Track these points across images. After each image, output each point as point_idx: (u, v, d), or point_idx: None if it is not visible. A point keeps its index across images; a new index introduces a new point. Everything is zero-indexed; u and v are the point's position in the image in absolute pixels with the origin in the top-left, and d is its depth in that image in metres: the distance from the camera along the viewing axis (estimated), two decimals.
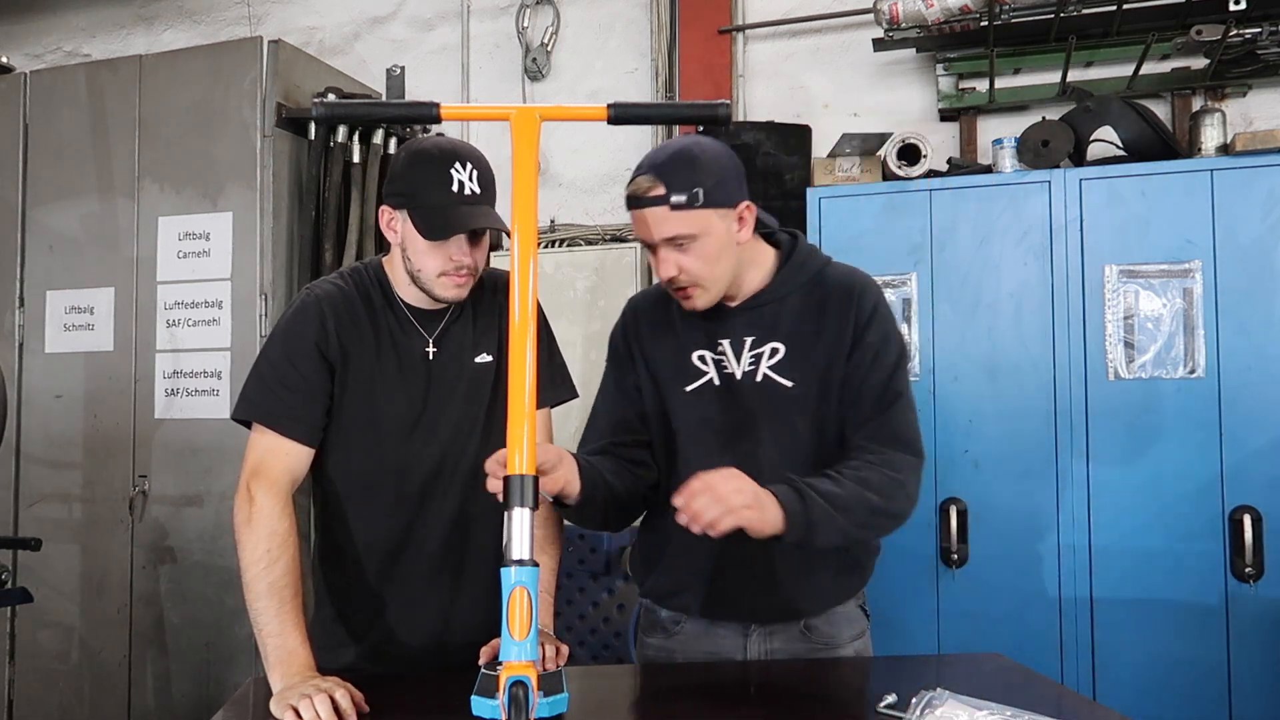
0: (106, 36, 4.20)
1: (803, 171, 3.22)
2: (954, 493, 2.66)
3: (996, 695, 1.24)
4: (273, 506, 1.48)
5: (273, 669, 1.39)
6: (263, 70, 3.09)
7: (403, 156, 1.59)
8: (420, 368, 1.62)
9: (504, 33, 3.73)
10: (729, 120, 1.22)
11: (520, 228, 1.17)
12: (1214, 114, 2.80)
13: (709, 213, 1.45)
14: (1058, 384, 2.61)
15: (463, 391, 1.64)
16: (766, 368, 1.53)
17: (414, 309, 1.64)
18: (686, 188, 1.42)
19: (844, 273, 1.60)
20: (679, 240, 1.44)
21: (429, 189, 1.51)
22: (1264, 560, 2.43)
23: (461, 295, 1.60)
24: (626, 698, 1.52)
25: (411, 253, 1.57)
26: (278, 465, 1.53)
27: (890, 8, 2.89)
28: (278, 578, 1.44)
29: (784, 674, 1.55)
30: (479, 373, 1.66)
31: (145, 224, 3.21)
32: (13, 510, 3.31)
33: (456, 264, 1.55)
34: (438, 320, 1.65)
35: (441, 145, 1.57)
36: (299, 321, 1.58)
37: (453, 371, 1.64)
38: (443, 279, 1.56)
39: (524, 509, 1.08)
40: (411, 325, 1.64)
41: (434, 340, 1.64)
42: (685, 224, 1.43)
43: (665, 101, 1.18)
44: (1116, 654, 2.54)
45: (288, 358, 1.56)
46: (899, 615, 2.68)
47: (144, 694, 3.14)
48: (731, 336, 1.56)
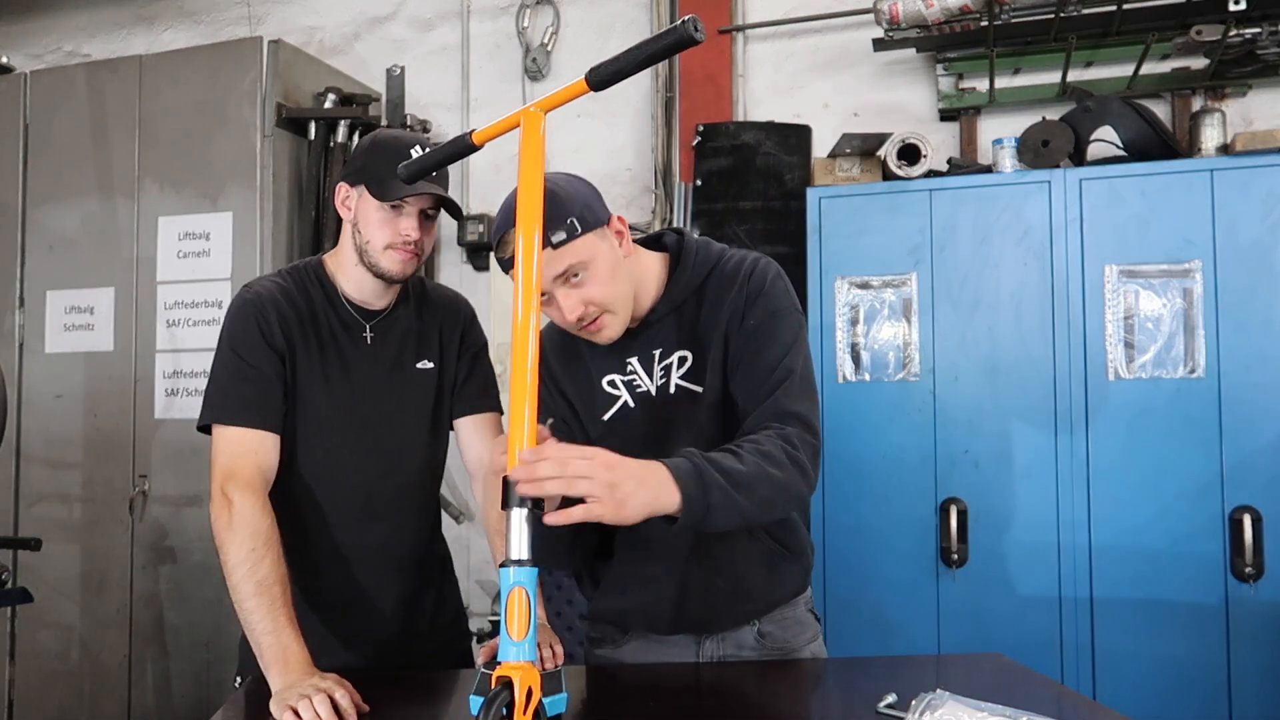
0: (106, 36, 4.20)
1: (803, 171, 3.23)
2: (954, 493, 2.66)
3: (996, 695, 1.23)
4: (252, 506, 1.48)
5: (270, 668, 1.39)
6: (263, 70, 3.09)
7: (365, 143, 1.68)
8: (361, 364, 1.67)
9: (504, 33, 3.73)
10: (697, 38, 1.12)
11: (524, 226, 1.17)
12: (1214, 114, 2.80)
13: (589, 237, 1.39)
14: (1058, 384, 2.61)
15: (404, 391, 1.70)
16: (677, 378, 1.49)
17: (356, 306, 1.69)
18: (559, 223, 1.36)
19: (736, 261, 1.52)
20: (572, 274, 1.38)
21: (386, 165, 1.57)
22: (1264, 560, 2.43)
23: (406, 272, 1.64)
24: (623, 697, 1.52)
25: (363, 225, 1.63)
26: (247, 463, 1.53)
27: (890, 8, 2.88)
28: (265, 575, 1.44)
29: (783, 673, 1.55)
30: (421, 378, 1.72)
31: (145, 224, 3.21)
32: (13, 510, 3.31)
33: (405, 237, 1.61)
34: (375, 318, 1.70)
35: (401, 134, 1.67)
36: (240, 319, 1.61)
37: (394, 370, 1.70)
38: (390, 252, 1.61)
39: (523, 509, 1.08)
40: (353, 320, 1.68)
41: (374, 337, 1.69)
42: (572, 255, 1.37)
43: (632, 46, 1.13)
44: (1116, 654, 2.54)
45: (236, 354, 1.59)
46: (899, 615, 2.69)
47: (144, 694, 3.14)
48: (639, 354, 1.51)
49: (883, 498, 2.72)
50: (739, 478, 1.26)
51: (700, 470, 1.23)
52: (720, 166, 3.26)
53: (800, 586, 1.61)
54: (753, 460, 1.29)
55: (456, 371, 1.77)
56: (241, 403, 1.56)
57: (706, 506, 1.22)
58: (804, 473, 1.36)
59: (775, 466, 1.31)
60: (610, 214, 1.45)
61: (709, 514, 1.23)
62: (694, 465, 1.23)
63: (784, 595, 1.58)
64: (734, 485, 1.25)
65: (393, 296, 1.73)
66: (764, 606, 1.57)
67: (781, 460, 1.32)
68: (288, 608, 1.44)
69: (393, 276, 1.64)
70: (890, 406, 2.73)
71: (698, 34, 1.14)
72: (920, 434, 2.70)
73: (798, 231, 3.00)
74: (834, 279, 2.79)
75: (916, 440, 2.70)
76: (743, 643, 1.57)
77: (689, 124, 3.39)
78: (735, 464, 1.27)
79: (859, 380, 2.76)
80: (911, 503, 2.69)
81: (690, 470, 1.22)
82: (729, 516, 1.26)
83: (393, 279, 1.65)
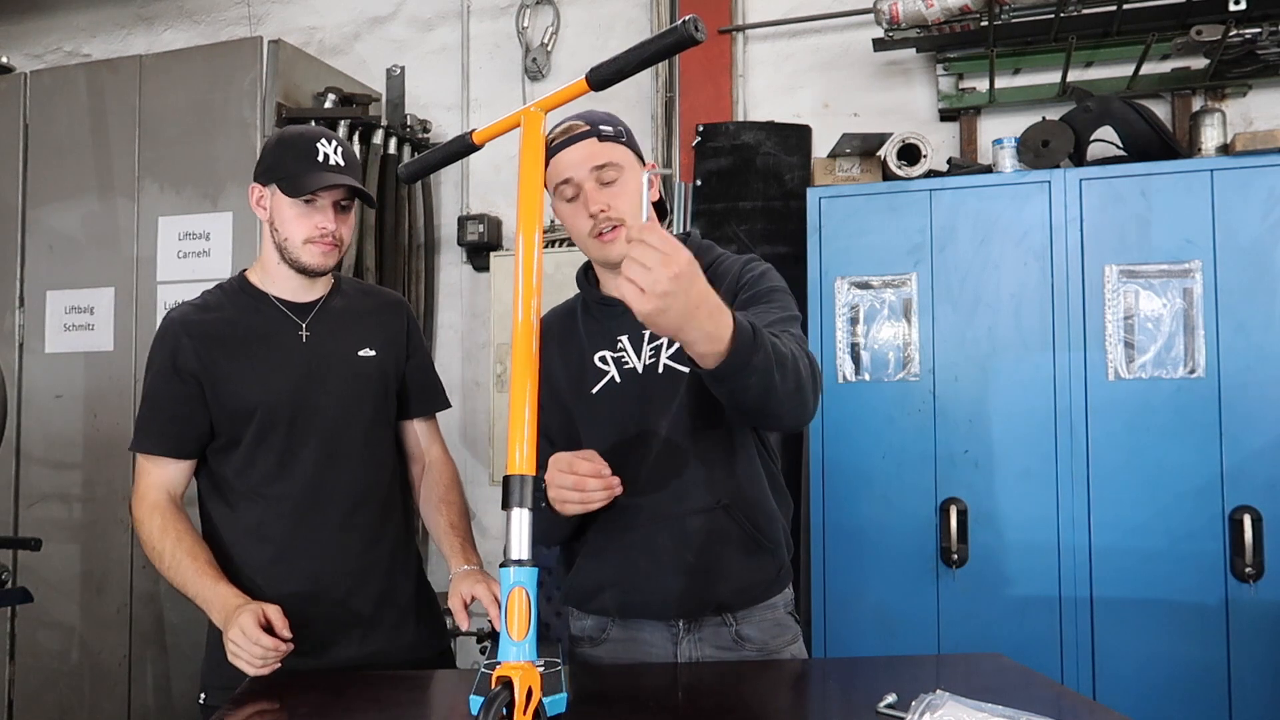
0: (106, 36, 4.20)
1: (803, 171, 3.23)
2: (954, 493, 2.66)
3: (996, 695, 1.23)
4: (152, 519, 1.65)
5: (214, 613, 1.55)
6: (263, 70, 3.09)
7: (271, 141, 1.72)
8: (297, 354, 1.70)
9: (504, 33, 3.73)
10: (697, 38, 1.16)
11: (524, 225, 1.17)
12: (1214, 114, 2.80)
13: (630, 153, 1.52)
14: (1058, 384, 2.61)
15: (345, 378, 1.73)
16: (666, 358, 1.53)
17: (286, 302, 1.74)
18: (613, 125, 1.50)
19: (734, 259, 1.60)
20: (608, 171, 1.48)
21: (296, 161, 1.64)
22: (1264, 560, 2.43)
23: (328, 264, 1.70)
24: (620, 696, 1.52)
25: (279, 223, 1.67)
26: (152, 485, 1.68)
27: (890, 8, 2.88)
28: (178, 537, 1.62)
29: (783, 673, 1.55)
30: (363, 366, 1.76)
31: (145, 224, 3.21)
32: (13, 510, 3.31)
33: (322, 230, 1.66)
34: (309, 310, 1.75)
35: (306, 129, 1.72)
36: (156, 348, 1.71)
37: (333, 358, 1.73)
38: (309, 246, 1.67)
39: (523, 509, 1.08)
40: (285, 316, 1.73)
41: (310, 332, 1.73)
42: (614, 154, 1.48)
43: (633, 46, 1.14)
44: (1116, 654, 2.54)
45: (152, 383, 1.70)
46: (899, 615, 2.69)
47: (144, 694, 3.14)
48: (629, 333, 1.56)
49: (882, 498, 2.72)
50: (782, 357, 1.26)
51: (755, 331, 1.21)
52: (720, 166, 3.26)
53: (776, 583, 1.61)
54: (791, 350, 1.30)
55: (404, 370, 1.83)
56: (152, 432, 1.68)
57: (747, 363, 1.20)
58: (816, 391, 1.38)
59: (804, 367, 1.33)
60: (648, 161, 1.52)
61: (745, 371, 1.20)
62: (750, 324, 1.21)
63: (758, 586, 1.58)
64: (778, 361, 1.25)
65: (323, 289, 1.78)
66: (739, 596, 1.56)
67: (806, 366, 1.34)
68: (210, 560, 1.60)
69: (314, 269, 1.70)
70: (890, 406, 2.73)
71: (698, 34, 1.16)
72: (920, 434, 2.70)
73: (798, 231, 3.00)
74: (834, 279, 2.79)
75: (916, 440, 2.70)
76: (721, 643, 1.56)
77: (689, 124, 3.39)
78: (779, 343, 1.28)
79: (859, 380, 2.76)
80: (911, 503, 2.69)
81: (747, 327, 1.20)
82: (761, 386, 1.24)
83: (315, 272, 1.71)
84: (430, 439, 1.90)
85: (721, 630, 1.56)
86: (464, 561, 1.71)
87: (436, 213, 3.72)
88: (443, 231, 3.74)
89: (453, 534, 1.77)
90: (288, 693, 1.44)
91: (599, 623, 1.61)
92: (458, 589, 1.63)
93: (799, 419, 1.39)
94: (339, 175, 1.65)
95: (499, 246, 3.65)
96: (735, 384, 1.23)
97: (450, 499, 1.83)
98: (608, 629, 1.60)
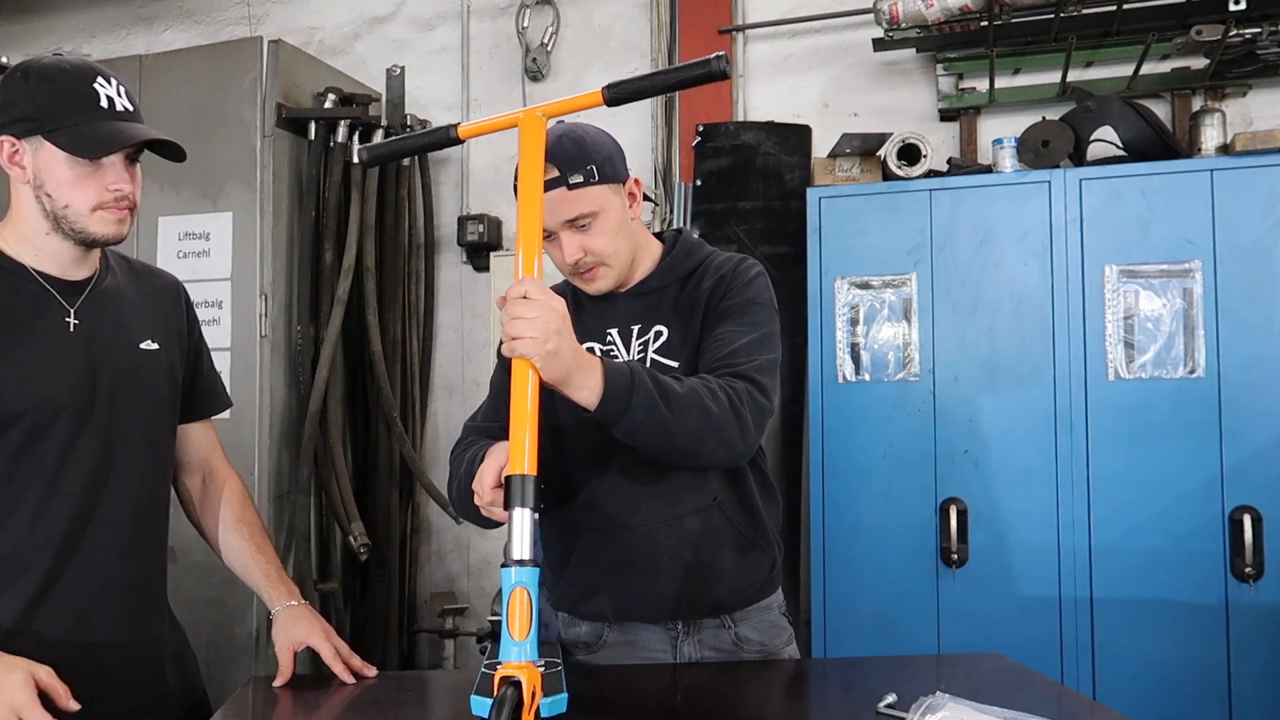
0: (106, 36, 4.19)
1: (803, 171, 3.23)
2: (954, 493, 2.66)
3: (996, 696, 1.23)
4: None
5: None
6: (263, 70, 3.08)
7: (19, 76, 1.33)
8: (66, 347, 1.39)
9: (504, 33, 3.72)
10: (726, 74, 1.20)
11: (525, 228, 1.18)
12: (1214, 114, 2.80)
13: (604, 189, 1.45)
14: (1058, 384, 2.61)
15: (126, 375, 1.44)
16: (653, 352, 1.53)
17: (49, 277, 1.40)
18: (580, 166, 1.41)
19: (724, 258, 1.59)
20: (581, 220, 1.44)
21: (71, 107, 1.30)
22: (1264, 560, 2.43)
23: (123, 233, 1.39)
24: (620, 697, 1.52)
25: (53, 187, 1.33)
26: None
27: (890, 8, 2.88)
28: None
29: (782, 674, 1.55)
30: (144, 360, 1.47)
31: (145, 224, 3.20)
32: None
33: (116, 193, 1.35)
34: (79, 292, 1.42)
35: (73, 61, 1.36)
36: None
37: (110, 351, 1.43)
38: (100, 214, 1.35)
39: (524, 509, 1.08)
40: (50, 300, 1.39)
41: (80, 320, 1.41)
42: (585, 202, 1.43)
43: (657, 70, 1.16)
44: (1116, 654, 2.54)
45: None
46: (899, 615, 2.69)
47: None
48: (619, 325, 1.55)
49: (882, 498, 2.72)
50: (670, 394, 1.28)
51: (634, 372, 1.26)
52: (720, 166, 3.26)
53: (770, 582, 1.61)
54: (691, 386, 1.32)
55: (184, 365, 1.57)
56: None
57: (627, 404, 1.24)
58: (742, 424, 1.35)
59: (713, 402, 1.32)
60: (629, 175, 1.50)
61: (629, 412, 1.25)
62: (630, 367, 1.27)
63: (754, 585, 1.58)
64: (663, 398, 1.27)
65: (95, 262, 1.46)
66: (735, 596, 1.56)
67: (721, 400, 1.33)
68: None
69: (107, 240, 1.38)
70: (890, 406, 2.73)
71: (726, 71, 1.21)
72: (920, 434, 2.70)
73: (798, 231, 3.00)
74: (834, 279, 2.79)
75: (916, 440, 2.70)
76: (721, 645, 1.56)
77: (689, 124, 3.39)
78: (671, 383, 1.30)
79: (859, 380, 2.76)
80: (911, 502, 2.69)
81: (624, 369, 1.26)
82: (651, 425, 1.27)
83: (109, 242, 1.39)
84: (211, 446, 1.65)
85: (721, 633, 1.56)
86: (286, 596, 1.53)
87: (436, 213, 3.72)
88: (442, 231, 3.74)
89: (261, 559, 1.57)
90: (287, 693, 1.44)
91: (594, 629, 1.59)
92: (286, 634, 1.49)
93: (726, 456, 1.38)
94: (135, 125, 1.35)
95: (499, 246, 3.65)
96: (623, 426, 1.26)
97: (247, 518, 1.61)
98: (604, 634, 1.58)
